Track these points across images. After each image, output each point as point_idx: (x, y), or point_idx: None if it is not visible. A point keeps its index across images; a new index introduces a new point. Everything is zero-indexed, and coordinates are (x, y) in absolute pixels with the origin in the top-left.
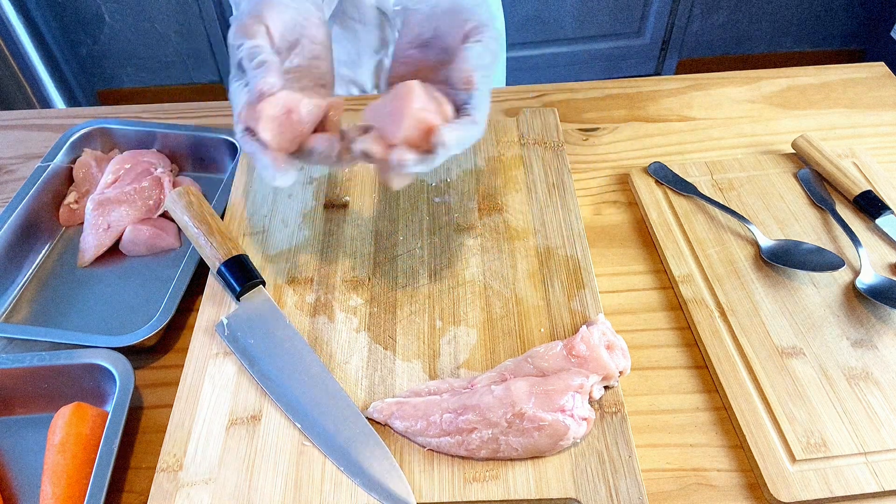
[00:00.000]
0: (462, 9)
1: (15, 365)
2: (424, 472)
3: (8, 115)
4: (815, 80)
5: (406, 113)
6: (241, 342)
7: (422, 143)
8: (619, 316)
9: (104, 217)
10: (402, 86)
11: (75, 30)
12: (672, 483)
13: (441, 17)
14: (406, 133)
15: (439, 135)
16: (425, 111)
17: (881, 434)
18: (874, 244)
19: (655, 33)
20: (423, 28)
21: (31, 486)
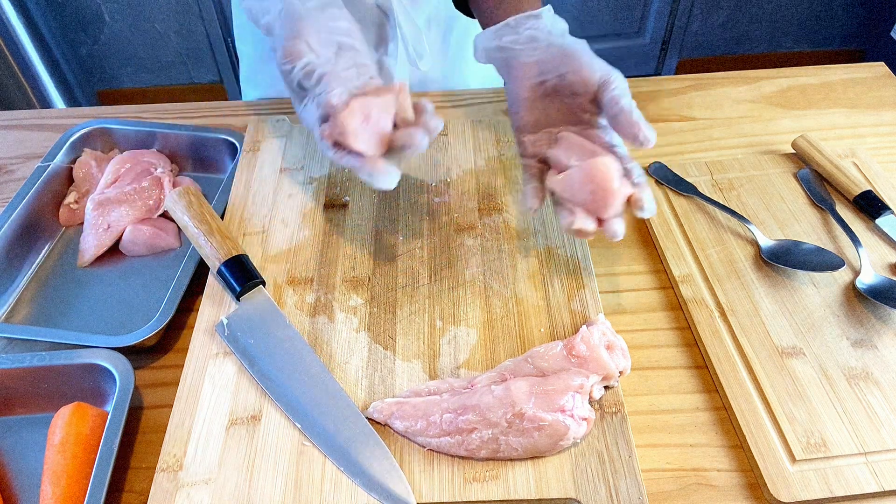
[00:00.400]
0: (577, 52)
1: (15, 365)
2: (424, 472)
3: (8, 115)
4: (815, 80)
5: (612, 193)
6: (241, 342)
7: (623, 209)
8: (619, 316)
9: (104, 217)
10: (600, 165)
11: (75, 30)
12: (672, 483)
13: (563, 63)
14: (616, 211)
15: (640, 203)
16: (623, 186)
17: (881, 434)
18: (874, 244)
19: (655, 33)
20: (543, 74)
21: (31, 486)
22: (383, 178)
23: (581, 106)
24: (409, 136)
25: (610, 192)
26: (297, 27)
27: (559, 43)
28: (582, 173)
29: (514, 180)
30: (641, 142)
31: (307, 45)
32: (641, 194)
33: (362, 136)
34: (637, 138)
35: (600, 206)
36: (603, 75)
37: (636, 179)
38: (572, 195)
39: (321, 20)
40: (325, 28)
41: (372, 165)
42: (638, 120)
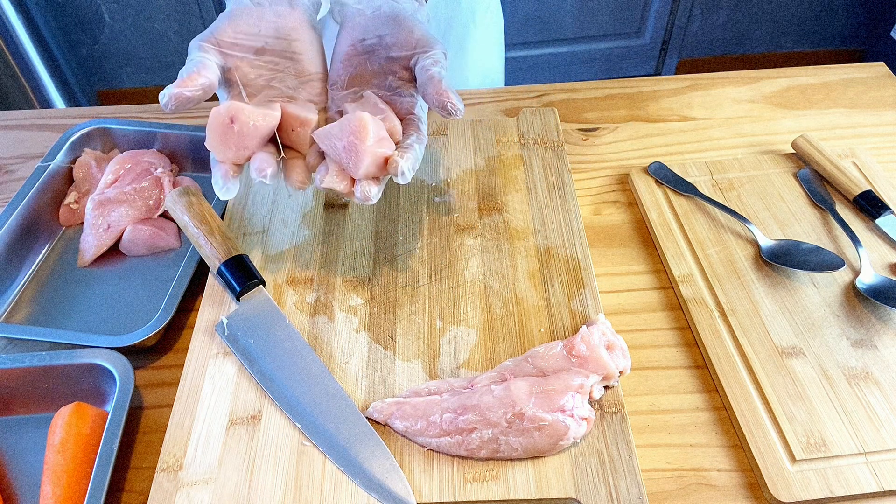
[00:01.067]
0: (404, 18)
1: (15, 365)
2: (424, 472)
3: (8, 115)
4: (815, 80)
5: (363, 150)
6: (241, 342)
7: (380, 172)
8: (619, 316)
9: (104, 217)
10: (356, 120)
11: (75, 30)
12: (672, 483)
13: (385, 25)
14: (366, 170)
15: (396, 167)
16: (380, 144)
17: (881, 434)
18: (874, 244)
19: (655, 33)
20: (366, 33)
21: (31, 486)
22: (219, 186)
23: (394, 71)
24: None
25: (360, 150)
26: (219, 24)
27: (391, 7)
28: (339, 127)
29: (514, 180)
30: (449, 110)
31: (217, 42)
32: (398, 158)
33: (214, 134)
34: (445, 106)
35: (352, 162)
36: (421, 43)
37: (406, 145)
38: (331, 150)
39: (256, 17)
40: (255, 26)
41: (218, 168)
42: (446, 88)
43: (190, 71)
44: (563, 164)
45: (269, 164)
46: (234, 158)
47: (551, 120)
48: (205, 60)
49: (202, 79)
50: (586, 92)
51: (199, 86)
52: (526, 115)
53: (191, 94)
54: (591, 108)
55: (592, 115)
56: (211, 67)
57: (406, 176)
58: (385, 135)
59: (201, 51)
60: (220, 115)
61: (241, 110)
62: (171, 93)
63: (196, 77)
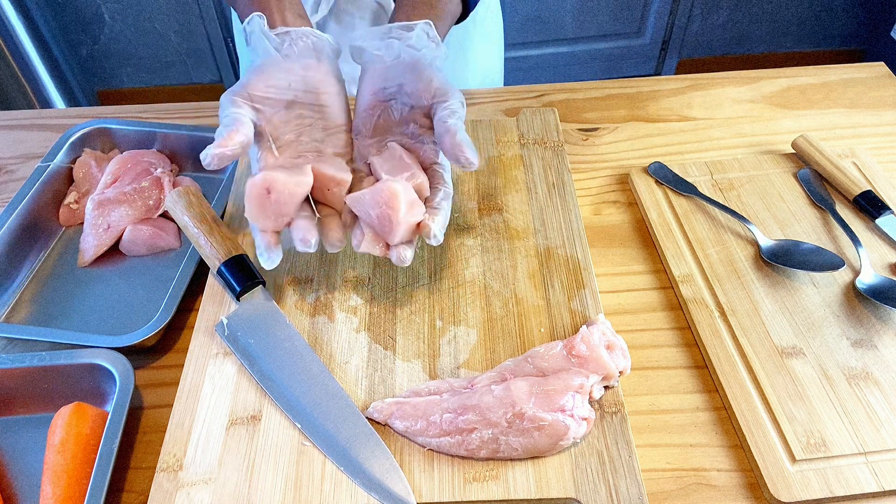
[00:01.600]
0: (423, 67)
1: (15, 365)
2: (424, 472)
3: (8, 115)
4: (815, 80)
5: (396, 221)
6: (241, 342)
7: (413, 236)
8: (619, 316)
9: (104, 217)
10: (387, 191)
11: (75, 30)
12: (672, 483)
13: (405, 74)
14: (401, 238)
15: (429, 231)
16: (412, 214)
17: (881, 434)
18: (874, 244)
19: (655, 33)
20: (386, 81)
21: (31, 486)
22: (265, 257)
23: (415, 119)
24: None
25: (394, 220)
26: (251, 78)
27: (411, 55)
28: (372, 195)
29: (514, 180)
30: (463, 164)
31: (249, 97)
32: (430, 223)
33: (252, 206)
34: (458, 160)
35: (385, 231)
36: (439, 93)
37: (435, 204)
38: (364, 216)
39: (285, 70)
40: (285, 80)
41: (262, 238)
42: (461, 141)
43: (229, 129)
44: (563, 164)
45: (312, 234)
46: (274, 227)
47: (551, 120)
48: (240, 117)
49: (241, 136)
50: (586, 92)
51: (238, 143)
52: (526, 115)
53: (231, 152)
54: (591, 108)
55: (592, 115)
56: (246, 123)
57: (439, 238)
58: (415, 197)
59: (234, 106)
60: (256, 187)
61: (276, 180)
62: (213, 153)
63: (234, 135)
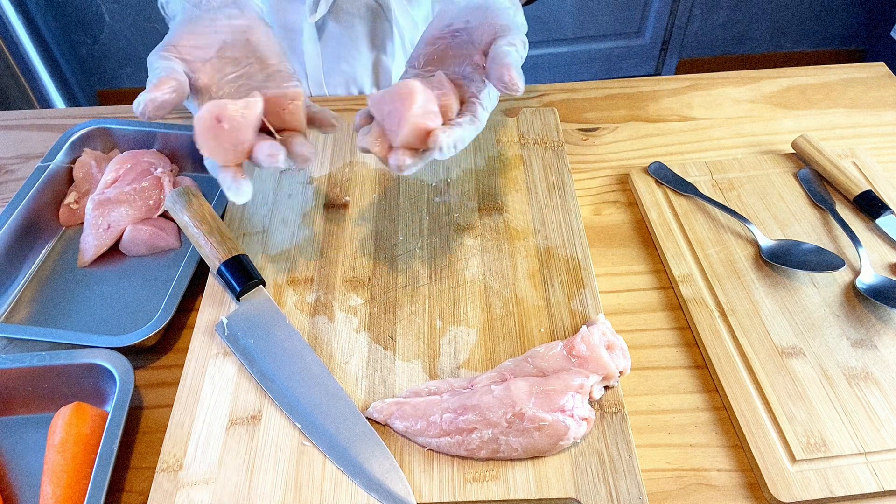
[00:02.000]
0: (495, 7)
1: (15, 365)
2: (424, 472)
3: (8, 115)
4: (815, 80)
5: (405, 117)
6: (241, 342)
7: (420, 144)
8: (619, 316)
9: (104, 217)
10: (404, 85)
11: (75, 30)
12: (672, 483)
13: (473, 12)
14: (405, 138)
15: (436, 139)
16: (424, 116)
17: (881, 434)
18: (874, 244)
19: (655, 33)
20: (454, 19)
21: (31, 486)
22: (233, 191)
23: (471, 55)
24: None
25: (404, 116)
26: (175, 33)
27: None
28: (389, 92)
29: (515, 180)
30: (506, 83)
31: (176, 50)
32: (441, 132)
33: (205, 139)
34: (502, 78)
35: (393, 128)
36: (503, 29)
37: (455, 121)
38: (378, 114)
39: (209, 20)
40: (210, 27)
41: (223, 174)
42: (511, 64)
43: (159, 76)
44: (563, 164)
45: (277, 149)
46: (235, 158)
47: (551, 120)
48: (170, 65)
49: (172, 81)
50: (586, 92)
51: (171, 88)
52: (526, 115)
53: (166, 97)
54: (591, 108)
55: (592, 115)
56: (178, 71)
57: (444, 151)
58: (434, 108)
59: (163, 59)
60: (205, 119)
61: (225, 107)
62: (145, 98)
63: (167, 80)
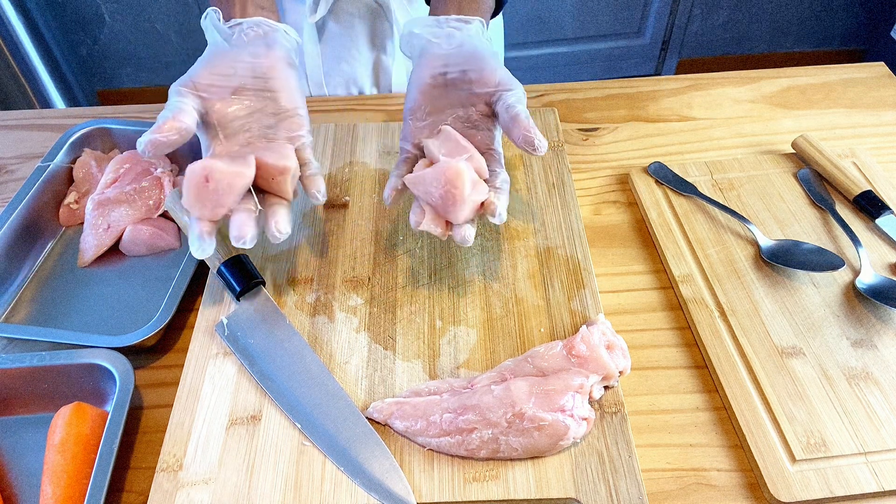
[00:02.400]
0: (487, 57)
1: (15, 365)
2: (424, 472)
3: (8, 115)
4: (815, 80)
5: (462, 199)
6: (241, 342)
7: (475, 215)
8: (619, 316)
9: (104, 217)
10: (451, 170)
11: (75, 30)
12: (672, 483)
13: (469, 61)
14: (465, 217)
15: (494, 208)
16: (476, 193)
17: (881, 434)
18: (874, 244)
19: (655, 33)
20: (448, 66)
21: (31, 486)
22: (196, 245)
23: (475, 105)
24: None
25: (459, 198)
26: (196, 68)
27: (473, 45)
28: (435, 174)
29: (514, 180)
30: (536, 147)
31: (194, 86)
32: (495, 200)
33: (190, 193)
34: (531, 143)
35: (449, 209)
36: (504, 83)
37: (498, 185)
38: (425, 194)
39: (231, 59)
40: (231, 67)
41: (195, 226)
42: (532, 126)
43: (166, 117)
44: (563, 164)
45: (248, 228)
46: (211, 216)
47: (551, 120)
48: (181, 105)
49: (178, 124)
50: (586, 92)
51: (175, 131)
52: None
53: (165, 139)
54: (591, 108)
55: (592, 115)
56: (188, 112)
57: (503, 217)
58: (477, 178)
59: (179, 95)
60: (195, 175)
61: (215, 169)
62: (148, 140)
63: (172, 123)
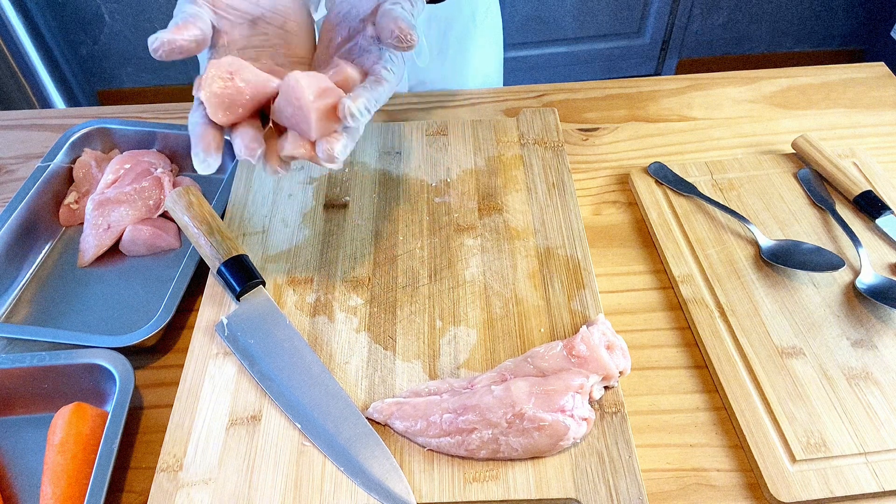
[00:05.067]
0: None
1: (15, 365)
2: (424, 472)
3: (8, 115)
4: (815, 80)
5: (306, 109)
6: (241, 342)
7: (335, 124)
8: (619, 316)
9: (104, 217)
10: (291, 81)
11: (75, 30)
12: (672, 483)
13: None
14: (317, 127)
15: (344, 108)
16: (323, 97)
17: (881, 434)
18: (874, 244)
19: (655, 33)
20: (342, 4)
21: (31, 486)
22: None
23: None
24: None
25: (304, 108)
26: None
27: None
28: (282, 95)
29: (514, 180)
30: (398, 37)
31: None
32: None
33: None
34: (393, 33)
35: (303, 125)
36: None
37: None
38: (287, 122)
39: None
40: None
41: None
42: (398, 16)
43: (185, 19)
44: (563, 164)
45: (258, 143)
46: (224, 117)
47: (551, 120)
48: (199, 13)
49: (195, 30)
50: (586, 92)
51: (192, 36)
52: (526, 115)
53: (184, 42)
54: (591, 108)
55: (592, 115)
56: (205, 21)
57: (358, 118)
58: (328, 85)
59: (194, 4)
60: (220, 68)
61: (245, 67)
62: (164, 38)
63: (190, 26)
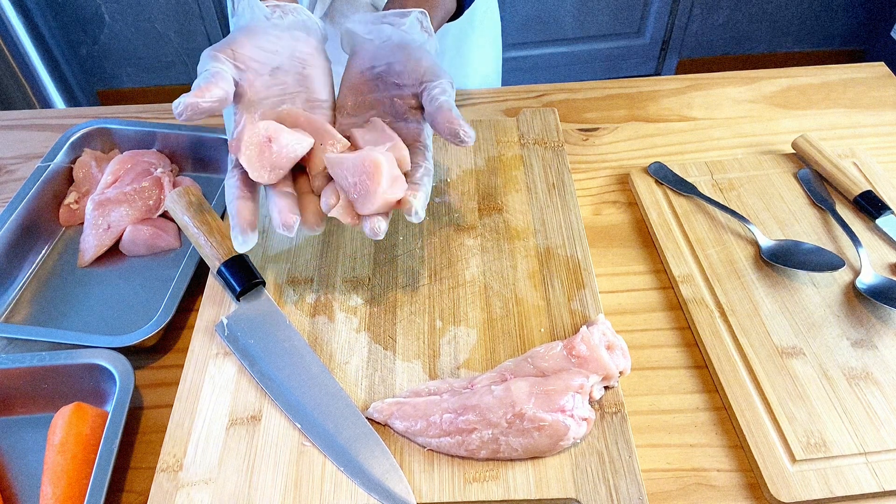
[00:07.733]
0: (413, 48)
1: (15, 365)
2: (424, 472)
3: (8, 115)
4: (815, 80)
5: (376, 192)
6: (241, 342)
7: (390, 209)
8: (619, 316)
9: (104, 217)
10: (370, 161)
11: (75, 30)
12: (672, 483)
13: (394, 53)
14: (377, 210)
15: (410, 207)
16: (393, 188)
17: (881, 434)
18: (874, 244)
19: (655, 33)
20: (375, 60)
21: (31, 486)
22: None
23: (402, 97)
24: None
25: (373, 192)
26: (237, 37)
27: (401, 37)
28: (354, 161)
29: (514, 180)
30: (461, 138)
31: (232, 52)
32: (412, 199)
33: (251, 151)
34: (457, 134)
35: (360, 200)
36: (429, 73)
37: (417, 179)
38: (341, 180)
39: (275, 37)
40: (273, 46)
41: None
42: (457, 116)
43: (207, 80)
44: (563, 164)
45: (294, 214)
46: (269, 179)
47: (551, 120)
48: (221, 71)
49: (218, 90)
50: (586, 92)
51: (216, 97)
52: (526, 115)
53: (207, 105)
54: (591, 108)
55: (592, 115)
56: (227, 79)
57: (420, 215)
58: (397, 173)
59: (216, 61)
60: (258, 135)
61: (281, 131)
62: (187, 102)
63: (213, 87)
